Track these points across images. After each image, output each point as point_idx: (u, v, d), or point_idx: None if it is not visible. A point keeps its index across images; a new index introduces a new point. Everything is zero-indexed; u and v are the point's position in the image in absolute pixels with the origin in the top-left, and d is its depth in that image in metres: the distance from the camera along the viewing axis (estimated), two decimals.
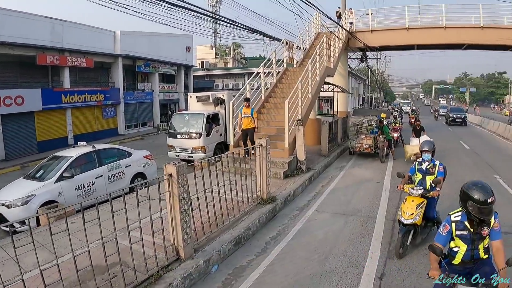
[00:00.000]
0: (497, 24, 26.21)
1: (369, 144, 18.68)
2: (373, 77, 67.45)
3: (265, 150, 9.94)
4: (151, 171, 13.91)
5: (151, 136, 35.01)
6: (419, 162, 8.42)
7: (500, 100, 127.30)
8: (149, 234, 6.26)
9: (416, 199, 7.71)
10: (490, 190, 4.43)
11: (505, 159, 20.32)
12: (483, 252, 4.74)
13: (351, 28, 26.71)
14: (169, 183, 6.36)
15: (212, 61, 74.45)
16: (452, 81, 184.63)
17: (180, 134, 17.91)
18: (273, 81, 19.45)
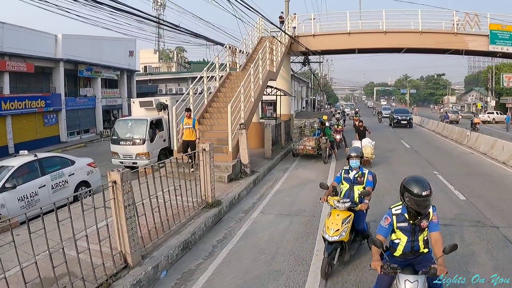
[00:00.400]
0: (435, 29, 27.34)
1: (312, 145, 19.06)
2: (316, 80, 68.20)
3: (208, 155, 10.04)
4: (95, 179, 13.68)
5: (94, 143, 34.22)
6: (346, 170, 7.70)
7: (439, 100, 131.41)
8: (96, 243, 6.23)
9: (342, 212, 6.91)
10: (427, 184, 4.62)
11: (444, 155, 21.21)
12: (423, 245, 4.93)
13: (294, 32, 27.14)
14: (114, 190, 6.34)
15: (155, 65, 73.75)
16: (393, 83, 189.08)
17: (123, 141, 17.76)
18: (216, 85, 19.54)
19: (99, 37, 38.82)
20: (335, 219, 6.84)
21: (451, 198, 12.20)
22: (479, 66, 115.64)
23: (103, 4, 11.23)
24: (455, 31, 26.87)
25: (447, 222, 9.70)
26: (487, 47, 27.14)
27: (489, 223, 9.82)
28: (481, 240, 8.64)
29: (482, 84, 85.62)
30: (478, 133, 25.68)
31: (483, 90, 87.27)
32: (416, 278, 4.47)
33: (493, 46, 27.00)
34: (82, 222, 5.94)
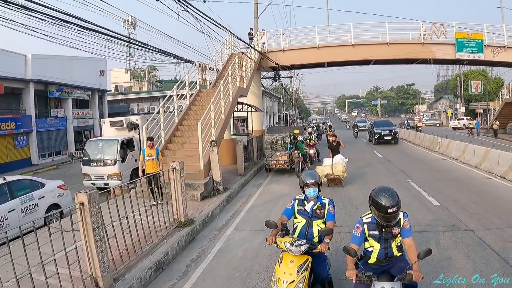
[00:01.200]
0: (403, 40, 27.95)
1: (284, 160, 19.13)
2: (287, 95, 68.53)
3: (179, 173, 9.99)
4: (66, 202, 13.41)
5: (66, 165, 33.64)
6: (300, 200, 6.04)
7: (410, 110, 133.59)
8: (65, 267, 6.11)
9: (296, 258, 5.24)
10: (395, 197, 4.56)
11: (416, 163, 21.52)
12: (397, 250, 4.92)
13: (263, 48, 27.29)
14: (82, 212, 6.24)
15: (127, 84, 73.45)
16: (364, 94, 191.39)
17: (94, 162, 17.59)
18: (186, 103, 19.51)
19: (69, 57, 38.44)
20: (288, 267, 5.21)
21: (425, 205, 12.38)
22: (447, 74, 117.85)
23: (71, 23, 11.16)
24: (422, 41, 27.53)
25: (422, 229, 9.84)
26: (454, 55, 27.98)
27: (464, 227, 9.98)
28: (457, 244, 8.76)
29: (451, 91, 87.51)
30: (450, 139, 26.12)
31: (452, 98, 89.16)
32: (392, 285, 4.44)
33: (459, 54, 27.77)
34: (52, 246, 5.82)
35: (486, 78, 70.44)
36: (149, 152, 13.06)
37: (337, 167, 15.85)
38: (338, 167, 15.86)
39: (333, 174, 15.76)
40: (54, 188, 13.38)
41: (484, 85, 65.63)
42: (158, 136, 16.43)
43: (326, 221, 5.83)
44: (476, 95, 68.99)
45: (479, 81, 66.33)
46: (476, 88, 65.29)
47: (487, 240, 8.90)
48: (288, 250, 5.24)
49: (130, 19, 61.49)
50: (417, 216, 10.74)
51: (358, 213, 11.22)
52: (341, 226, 10.21)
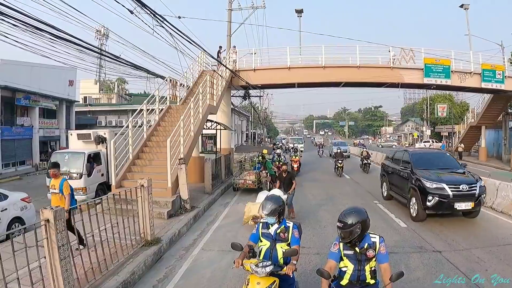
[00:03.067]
0: (372, 64, 28.43)
1: (252, 179, 19.12)
2: (256, 113, 68.63)
3: (146, 191, 9.89)
4: (29, 215, 13.04)
5: (30, 176, 32.97)
6: (264, 224, 5.97)
7: (377, 131, 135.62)
8: (29, 285, 5.93)
9: (263, 279, 5.23)
10: (350, 216, 4.73)
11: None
12: (370, 275, 4.92)
13: (234, 66, 27.33)
14: (47, 229, 6.10)
15: (95, 96, 72.72)
16: (332, 115, 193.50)
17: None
18: (156, 118, 19.41)
19: (39, 64, 37.45)
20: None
21: (392, 226, 12.58)
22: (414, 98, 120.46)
23: (44, 31, 11.04)
24: (391, 65, 28.02)
25: (390, 250, 9.80)
26: (422, 80, 28.60)
27: (431, 248, 10.19)
28: (424, 265, 8.90)
29: (418, 114, 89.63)
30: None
31: (419, 120, 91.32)
32: None
33: (427, 79, 28.42)
34: (14, 262, 5.63)
35: (452, 102, 72.43)
36: (52, 183, 10.14)
37: None
38: None
39: (261, 216, 9.37)
40: (17, 200, 12.97)
41: (450, 108, 67.15)
42: (126, 152, 16.27)
43: (291, 245, 5.70)
44: (442, 118, 70.60)
45: (445, 105, 67.78)
46: (442, 111, 66.67)
47: (454, 261, 9.07)
48: (254, 271, 5.19)
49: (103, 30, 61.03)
50: (385, 238, 10.81)
51: (326, 234, 11.35)
52: (309, 247, 10.28)
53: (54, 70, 39.27)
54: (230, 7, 29.66)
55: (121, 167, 15.82)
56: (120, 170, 15.64)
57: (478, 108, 44.15)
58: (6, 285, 5.50)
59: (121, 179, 15.29)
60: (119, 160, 15.57)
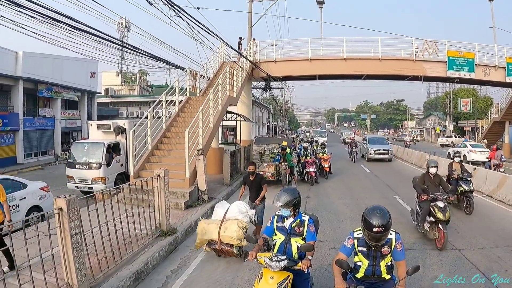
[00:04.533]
0: (394, 56, 28.01)
1: (271, 171, 18.97)
2: (277, 106, 68.41)
3: (163, 181, 9.87)
4: (48, 204, 13.08)
5: (51, 166, 33.27)
6: (279, 217, 5.77)
7: (399, 125, 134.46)
8: (41, 272, 5.94)
9: (276, 274, 5.08)
10: (384, 220, 4.50)
11: (404, 179, 21.25)
12: (385, 270, 4.89)
13: (255, 58, 27.23)
14: (60, 217, 6.10)
15: (117, 87, 73.17)
16: (354, 108, 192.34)
17: (79, 164, 17.35)
18: (175, 109, 19.40)
19: (61, 56, 37.78)
20: (267, 283, 5.05)
21: (412, 222, 12.28)
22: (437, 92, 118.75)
23: (61, 22, 11.02)
24: (414, 58, 27.71)
25: (409, 247, 9.81)
26: (445, 73, 28.19)
27: (451, 246, 9.96)
28: (443, 263, 8.75)
29: (441, 109, 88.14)
30: (438, 156, 26.31)
31: (441, 115, 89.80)
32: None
33: (450, 72, 27.98)
34: (30, 250, 5.65)
35: (475, 97, 71.06)
36: None
37: (229, 229, 8.67)
38: (230, 229, 8.66)
39: (219, 240, 8.68)
40: (36, 189, 13.14)
41: (473, 103, 66.05)
42: (145, 142, 16.29)
43: (306, 240, 5.58)
44: (465, 113, 69.61)
45: (469, 99, 66.77)
46: (465, 106, 65.72)
47: (473, 260, 8.89)
48: (268, 265, 5.07)
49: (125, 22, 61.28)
50: (403, 234, 10.58)
51: (344, 228, 11.20)
52: (326, 241, 10.16)
53: (76, 62, 39.59)
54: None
55: (139, 158, 15.84)
56: (138, 160, 15.64)
57: (502, 103, 43.36)
58: (18, 272, 5.47)
59: (140, 170, 15.30)
60: (137, 150, 15.58)
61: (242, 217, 8.98)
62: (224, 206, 9.48)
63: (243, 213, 9.16)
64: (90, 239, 7.03)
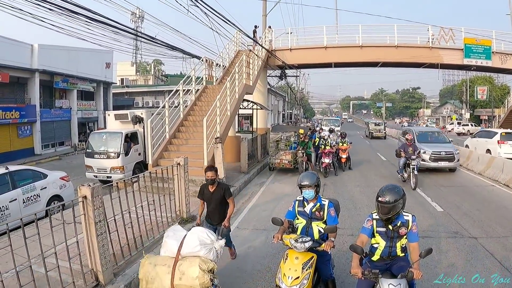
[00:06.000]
0: (411, 43, 27.84)
1: (288, 159, 19.02)
2: (293, 94, 68.23)
3: (183, 169, 9.95)
4: (68, 193, 13.39)
5: (69, 156, 33.65)
6: (300, 202, 5.98)
7: (415, 113, 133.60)
8: (66, 260, 6.05)
9: (301, 254, 5.29)
10: (392, 192, 4.78)
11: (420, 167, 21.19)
12: (400, 251, 5.06)
13: (270, 46, 27.21)
14: (84, 205, 6.19)
15: (132, 78, 73.43)
16: (369, 96, 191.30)
17: (98, 154, 17.51)
18: (192, 99, 19.44)
19: (76, 48, 38.27)
20: (293, 263, 5.22)
21: (428, 210, 12.31)
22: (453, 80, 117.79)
23: (79, 14, 11.08)
24: (430, 45, 27.49)
25: (426, 234, 9.79)
26: (462, 60, 27.90)
27: (467, 234, 9.96)
28: (459, 251, 8.74)
29: (457, 97, 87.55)
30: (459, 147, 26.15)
31: (457, 103, 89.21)
32: (399, 282, 4.56)
33: (467, 60, 27.69)
34: (52, 238, 5.73)
35: (492, 85, 70.32)
36: None
37: (187, 274, 5.43)
38: (188, 273, 5.42)
39: None
40: (56, 179, 13.28)
41: (490, 91, 65.37)
42: (163, 131, 16.39)
43: (327, 223, 5.77)
44: (481, 102, 68.92)
45: (485, 87, 66.06)
46: (482, 94, 65.07)
47: (490, 248, 8.88)
48: (293, 246, 5.31)
49: (138, 12, 61.36)
50: (420, 222, 10.58)
51: (361, 216, 11.21)
52: (344, 228, 10.16)
53: (91, 53, 39.83)
54: None
55: (157, 147, 15.94)
56: (156, 149, 15.75)
57: None
58: (44, 259, 5.54)
59: (158, 158, 15.40)
60: (155, 139, 15.70)
61: (205, 252, 5.68)
62: (177, 234, 5.96)
63: (207, 246, 5.74)
64: (113, 227, 7.09)
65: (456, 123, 66.36)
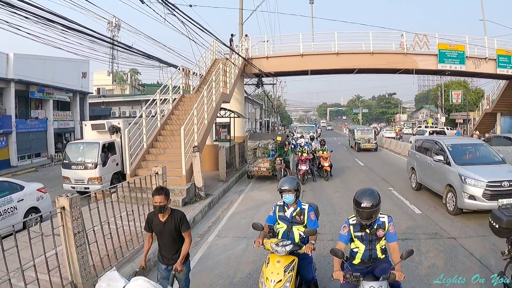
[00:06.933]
0: (386, 50, 28.29)
1: (266, 167, 19.09)
2: (270, 101, 68.44)
3: (161, 179, 9.94)
4: (46, 205, 13.19)
5: (46, 168, 33.17)
6: (280, 206, 6.09)
7: (391, 119, 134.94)
8: (45, 272, 5.98)
9: (283, 258, 5.40)
10: (374, 196, 4.86)
11: (397, 172, 21.51)
12: (381, 252, 5.14)
13: (247, 54, 27.33)
14: (62, 216, 6.16)
15: (109, 87, 72.90)
16: (346, 103, 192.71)
17: (75, 165, 17.36)
18: (169, 108, 19.42)
19: (52, 57, 37.60)
20: (275, 267, 5.32)
21: (407, 213, 12.52)
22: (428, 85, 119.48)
23: (55, 22, 11.03)
24: (405, 51, 27.94)
25: (405, 236, 9.96)
26: (436, 66, 28.56)
27: (446, 235, 10.15)
28: (439, 252, 8.89)
29: (432, 101, 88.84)
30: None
31: (433, 107, 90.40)
32: (380, 284, 4.59)
33: (441, 65, 28.32)
34: (31, 251, 5.67)
35: (466, 89, 71.46)
36: None
37: None
38: None
39: None
40: (33, 191, 13.11)
41: (465, 95, 66.34)
42: (140, 141, 16.32)
43: (308, 227, 5.86)
44: (456, 105, 69.98)
45: (460, 91, 67.01)
46: (457, 98, 65.98)
47: (469, 248, 9.07)
48: (274, 250, 5.42)
49: (115, 21, 61.03)
50: (399, 224, 10.76)
51: (340, 221, 11.30)
52: (324, 233, 10.27)
53: (67, 62, 39.27)
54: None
55: (135, 156, 15.85)
56: (134, 159, 15.67)
57: (493, 94, 43.56)
58: (23, 272, 5.50)
59: (136, 168, 15.33)
60: (133, 149, 15.59)
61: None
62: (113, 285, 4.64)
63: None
64: (92, 238, 7.07)
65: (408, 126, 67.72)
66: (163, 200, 5.56)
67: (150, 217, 5.93)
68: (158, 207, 5.59)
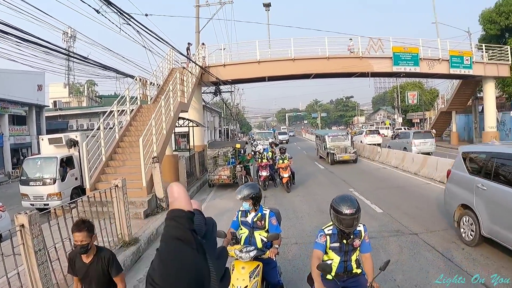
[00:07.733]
0: (341, 54, 28.90)
1: (227, 175, 19.19)
2: (228, 109, 68.49)
3: (121, 191, 9.87)
4: (4, 224, 12.89)
5: (3, 185, 32.40)
6: (243, 212, 6.12)
7: (349, 121, 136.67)
8: None
9: (247, 264, 5.46)
10: (354, 202, 4.77)
11: (358, 173, 22.05)
12: (355, 264, 5.02)
13: (204, 63, 27.33)
14: (22, 234, 6.07)
15: (65, 100, 71.75)
16: (305, 108, 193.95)
17: (33, 181, 17.06)
18: (127, 119, 19.30)
19: (6, 70, 36.69)
20: (240, 273, 5.36)
21: (368, 212, 12.74)
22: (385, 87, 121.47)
23: (9, 34, 10.88)
24: (360, 55, 28.37)
25: (369, 236, 10.10)
26: (391, 68, 29.34)
27: (408, 231, 10.46)
28: (402, 248, 9.15)
29: (389, 103, 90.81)
30: (389, 149, 27.11)
31: (390, 109, 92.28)
32: None
33: (396, 67, 29.11)
34: None
35: (422, 90, 73.38)
36: None
37: None
38: None
39: None
40: None
41: (420, 96, 67.77)
42: (99, 154, 16.16)
43: (269, 232, 5.89)
44: (412, 106, 71.71)
45: (415, 92, 68.41)
46: (413, 99, 67.34)
47: (431, 242, 9.39)
48: (239, 257, 5.42)
49: (70, 31, 60.18)
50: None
51: (303, 225, 11.47)
52: (288, 237, 10.37)
53: (22, 75, 38.35)
54: (197, 3, 29.67)
55: (94, 170, 15.67)
56: (93, 172, 15.49)
57: (448, 94, 44.70)
58: None
59: (95, 182, 15.15)
60: (92, 162, 15.42)
61: None
62: None
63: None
64: (54, 255, 7.00)
65: None
66: (85, 238, 4.64)
67: (71, 257, 4.98)
68: (82, 248, 4.65)
